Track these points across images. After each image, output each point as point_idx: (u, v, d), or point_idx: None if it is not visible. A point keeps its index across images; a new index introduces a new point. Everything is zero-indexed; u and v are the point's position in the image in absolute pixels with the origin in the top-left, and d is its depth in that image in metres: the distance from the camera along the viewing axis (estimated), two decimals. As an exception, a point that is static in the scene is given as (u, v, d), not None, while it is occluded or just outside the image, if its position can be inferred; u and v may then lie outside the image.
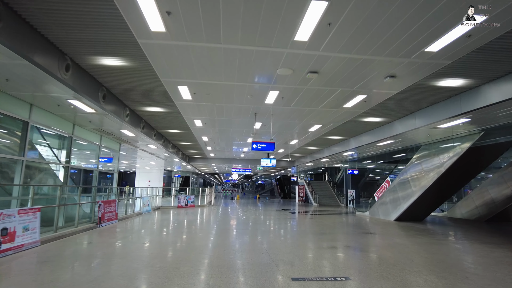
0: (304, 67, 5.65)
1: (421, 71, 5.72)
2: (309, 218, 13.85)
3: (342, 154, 15.93)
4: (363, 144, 12.17)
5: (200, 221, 11.87)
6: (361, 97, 7.40)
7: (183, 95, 7.54)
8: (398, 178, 13.20)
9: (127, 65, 5.84)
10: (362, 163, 19.78)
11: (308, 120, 9.94)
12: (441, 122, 8.01)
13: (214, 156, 22.23)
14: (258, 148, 8.80)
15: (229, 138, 14.30)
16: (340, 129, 11.41)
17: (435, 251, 6.75)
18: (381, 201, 14.23)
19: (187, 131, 12.64)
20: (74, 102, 6.77)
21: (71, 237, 7.19)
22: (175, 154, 17.49)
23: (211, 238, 7.69)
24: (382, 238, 8.27)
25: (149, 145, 13.59)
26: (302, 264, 5.14)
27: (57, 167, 9.09)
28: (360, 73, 5.94)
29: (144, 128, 10.62)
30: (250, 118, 9.81)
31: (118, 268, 4.62)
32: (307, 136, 12.92)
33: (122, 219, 10.91)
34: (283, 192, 41.59)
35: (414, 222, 12.46)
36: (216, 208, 18.59)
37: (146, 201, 14.47)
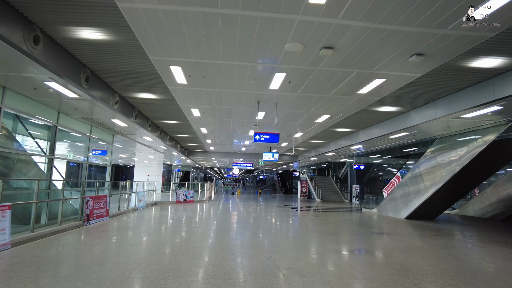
0: (318, 40, 4.76)
1: (456, 46, 4.82)
2: (314, 215, 13.07)
3: (349, 148, 15.06)
4: (374, 137, 11.29)
5: (198, 218, 11.10)
6: (379, 81, 6.52)
7: (177, 78, 6.67)
8: (409, 174, 12.35)
9: (109, 39, 4.98)
10: (369, 157, 18.89)
11: (316, 109, 9.06)
12: (467, 111, 7.12)
13: (214, 149, 21.41)
14: (261, 140, 7.96)
15: (229, 130, 13.46)
16: (349, 120, 10.53)
17: (462, 256, 5.95)
18: (391, 197, 13.41)
19: (184, 122, 11.78)
20: (52, 84, 5.93)
21: (52, 237, 6.41)
22: (173, 147, 16.68)
23: (208, 238, 6.91)
24: (398, 240, 7.47)
25: (144, 137, 12.76)
26: (314, 274, 4.33)
27: (41, 159, 8.30)
28: (382, 50, 5.05)
29: (137, 117, 9.78)
30: (252, 107, 8.94)
31: (90, 280, 3.82)
32: (312, 128, 12.05)
33: (115, 216, 10.14)
34: (285, 187, 40.87)
35: (426, 220, 11.65)
36: (216, 204, 17.84)
37: (142, 196, 13.71)
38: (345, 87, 6.94)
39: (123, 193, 12.33)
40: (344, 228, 9.60)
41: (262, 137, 7.99)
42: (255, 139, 7.95)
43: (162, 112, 10.23)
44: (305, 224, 10.32)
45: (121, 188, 12.52)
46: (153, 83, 7.13)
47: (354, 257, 5.52)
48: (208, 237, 7.10)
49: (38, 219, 7.75)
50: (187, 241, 6.67)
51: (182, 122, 11.78)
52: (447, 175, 10.18)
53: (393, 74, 6.09)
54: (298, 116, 10.04)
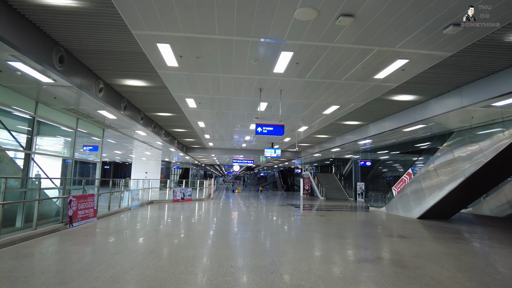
0: (336, 3, 3.85)
1: (505, 12, 3.91)
2: (320, 215, 12.20)
3: (356, 144, 14.16)
4: (386, 130, 10.39)
5: (194, 219, 10.24)
6: (401, 63, 5.61)
7: (167, 60, 5.76)
8: (423, 169, 11.44)
9: (81, 7, 4.07)
10: (376, 153, 17.95)
11: (324, 98, 8.14)
12: (501, 98, 6.21)
13: (213, 146, 20.52)
14: (263, 132, 7.04)
15: (229, 124, 12.56)
16: (360, 112, 9.62)
17: (502, 267, 5.07)
18: (401, 195, 12.53)
19: (179, 114, 10.88)
20: (18, 65, 5.03)
21: (23, 244, 5.55)
22: (169, 143, 15.80)
23: (204, 244, 6.04)
24: (419, 244, 6.59)
25: (138, 131, 11.88)
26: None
27: (20, 154, 7.44)
28: (412, 19, 4.14)
29: (127, 109, 8.87)
30: (253, 96, 8.03)
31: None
32: (317, 122, 11.15)
33: (104, 217, 9.29)
34: (286, 185, 40.02)
35: (441, 220, 10.78)
36: (216, 203, 17.00)
37: (136, 195, 12.85)
38: (361, 70, 6.03)
39: (114, 191, 11.48)
40: (354, 230, 8.73)
41: (264, 129, 7.07)
42: (256, 132, 7.03)
43: (154, 102, 9.32)
44: (311, 225, 9.44)
45: (111, 186, 11.66)
46: (141, 66, 6.23)
47: (376, 269, 4.65)
48: (204, 242, 6.24)
49: (13, 222, 6.93)
50: (179, 248, 5.80)
51: (177, 114, 10.88)
52: (467, 171, 9.29)
53: (419, 52, 5.18)
54: (303, 107, 9.12)
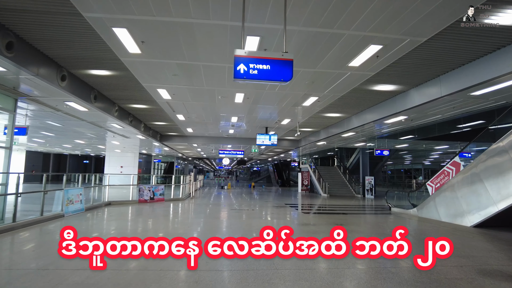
0: None
1: None
2: (333, 222, 8.76)
3: (383, 122, 10.59)
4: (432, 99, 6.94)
5: (155, 231, 6.66)
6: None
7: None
8: (484, 156, 7.99)
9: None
10: (398, 139, 14.42)
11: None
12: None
13: (193, 133, 16.79)
14: (253, 76, 3.26)
15: (203, 93, 8.94)
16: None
17: None
18: (444, 193, 9.16)
19: (124, 73, 7.20)
20: None
21: None
22: (131, 126, 12.09)
23: None
24: None
25: (70, 103, 8.14)
26: None
27: None
28: None
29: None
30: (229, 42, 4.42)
31: None
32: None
33: (7, 231, 5.67)
34: (282, 180, 36.61)
35: (507, 231, 7.50)
36: (196, 203, 13.40)
37: (77, 195, 9.19)
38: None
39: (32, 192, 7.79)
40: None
41: (255, 67, 3.31)
42: (237, 74, 3.24)
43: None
44: (322, 234, 5.95)
45: (65, 183, 7.96)
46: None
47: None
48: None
49: None
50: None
51: (119, 72, 7.20)
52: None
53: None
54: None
